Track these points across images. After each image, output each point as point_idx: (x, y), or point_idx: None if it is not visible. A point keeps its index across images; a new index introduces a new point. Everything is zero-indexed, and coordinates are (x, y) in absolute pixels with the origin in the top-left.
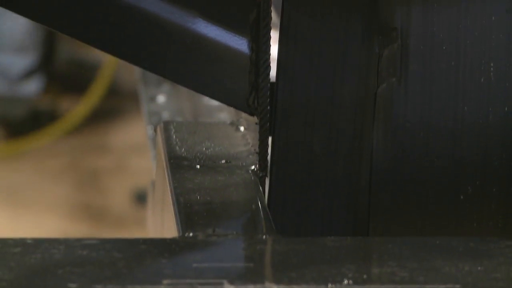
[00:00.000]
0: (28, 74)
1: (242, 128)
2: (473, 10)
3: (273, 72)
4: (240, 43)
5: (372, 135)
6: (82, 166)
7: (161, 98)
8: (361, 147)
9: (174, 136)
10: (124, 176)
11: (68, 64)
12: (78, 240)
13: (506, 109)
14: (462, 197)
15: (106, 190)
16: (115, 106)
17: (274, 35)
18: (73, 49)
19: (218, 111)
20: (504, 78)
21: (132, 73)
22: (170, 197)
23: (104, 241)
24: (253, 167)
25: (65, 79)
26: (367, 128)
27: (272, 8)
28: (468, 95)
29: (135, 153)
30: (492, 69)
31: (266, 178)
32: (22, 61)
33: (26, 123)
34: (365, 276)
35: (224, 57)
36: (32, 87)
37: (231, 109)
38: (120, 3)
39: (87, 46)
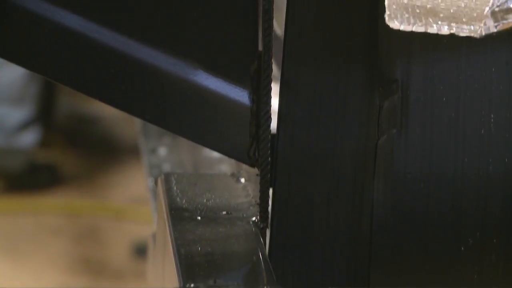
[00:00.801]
0: (25, 126)
1: (242, 180)
2: (473, 62)
3: (273, 124)
4: (241, 95)
5: (372, 186)
6: (82, 218)
7: (162, 151)
8: (361, 198)
9: (175, 188)
10: (124, 229)
11: (68, 117)
12: None
13: (506, 160)
14: (462, 248)
15: (105, 243)
16: (115, 159)
17: (275, 88)
18: (73, 102)
19: (218, 163)
20: (504, 129)
21: (132, 126)
22: (171, 248)
23: None
24: (254, 218)
25: (65, 132)
26: (368, 179)
27: (272, 60)
28: (469, 146)
29: (135, 206)
30: (492, 120)
31: (267, 229)
32: (18, 113)
33: (24, 176)
34: None
35: (225, 109)
36: (29, 139)
37: (232, 160)
38: (121, 54)
39: (87, 99)
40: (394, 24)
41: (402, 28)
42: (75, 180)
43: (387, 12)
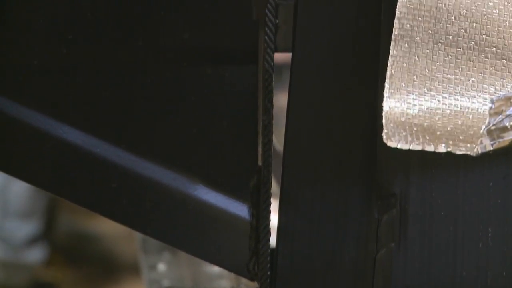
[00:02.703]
0: (33, 241)
1: None
2: (471, 176)
3: (273, 238)
4: (240, 209)
5: None
6: None
7: (161, 266)
8: None
9: None
10: None
11: (68, 235)
12: None
13: (504, 273)
14: None
15: None
16: (114, 277)
17: (274, 203)
18: (73, 219)
19: (218, 278)
20: (502, 243)
21: (132, 243)
22: None
23: None
24: None
25: (65, 250)
26: None
27: (272, 175)
28: (467, 260)
29: None
30: (490, 234)
31: None
32: (26, 227)
33: None
34: None
35: (225, 223)
36: (36, 254)
37: (232, 276)
38: (122, 168)
39: (87, 216)
40: (392, 143)
41: (399, 146)
42: None
43: (385, 131)
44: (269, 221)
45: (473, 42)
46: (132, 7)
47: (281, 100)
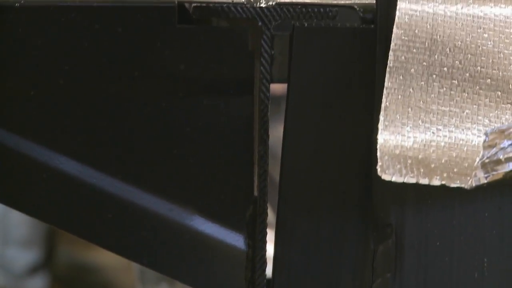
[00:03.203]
0: (34, 270)
1: None
2: (466, 207)
3: (269, 269)
4: (236, 239)
5: None
6: None
7: None
8: None
9: None
10: None
11: (67, 266)
12: None
13: None
14: None
15: None
16: None
17: (270, 234)
18: (73, 250)
19: None
20: (498, 273)
21: (130, 273)
22: None
23: None
24: None
25: (65, 281)
26: None
27: (268, 205)
28: None
29: None
30: (485, 264)
31: None
32: (27, 256)
33: None
34: None
35: (221, 253)
36: (37, 284)
37: None
38: (118, 199)
39: (85, 247)
40: (386, 176)
41: (393, 179)
42: None
43: (379, 163)
44: (265, 251)
45: (467, 74)
46: (128, 38)
47: (278, 130)
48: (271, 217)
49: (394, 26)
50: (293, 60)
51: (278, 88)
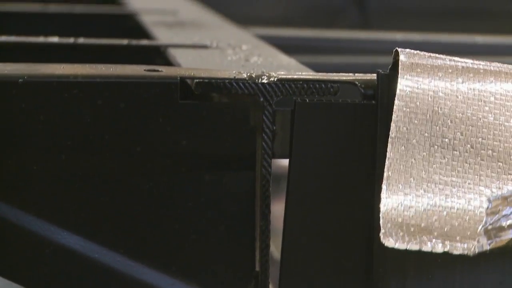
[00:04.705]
0: None
1: None
2: (467, 280)
3: None
4: None
5: None
6: None
7: None
8: None
9: None
10: None
11: None
12: None
13: None
14: None
15: None
16: None
17: None
18: None
19: None
20: None
21: None
22: None
23: None
24: None
25: None
26: None
27: (269, 281)
28: None
29: None
30: None
31: None
32: None
33: None
34: None
35: None
36: None
37: None
38: (120, 274)
39: None
40: (389, 242)
41: (396, 246)
42: None
43: (382, 231)
44: None
45: (469, 145)
46: (130, 114)
47: (279, 206)
48: None
49: (396, 98)
50: (295, 135)
51: (279, 166)
